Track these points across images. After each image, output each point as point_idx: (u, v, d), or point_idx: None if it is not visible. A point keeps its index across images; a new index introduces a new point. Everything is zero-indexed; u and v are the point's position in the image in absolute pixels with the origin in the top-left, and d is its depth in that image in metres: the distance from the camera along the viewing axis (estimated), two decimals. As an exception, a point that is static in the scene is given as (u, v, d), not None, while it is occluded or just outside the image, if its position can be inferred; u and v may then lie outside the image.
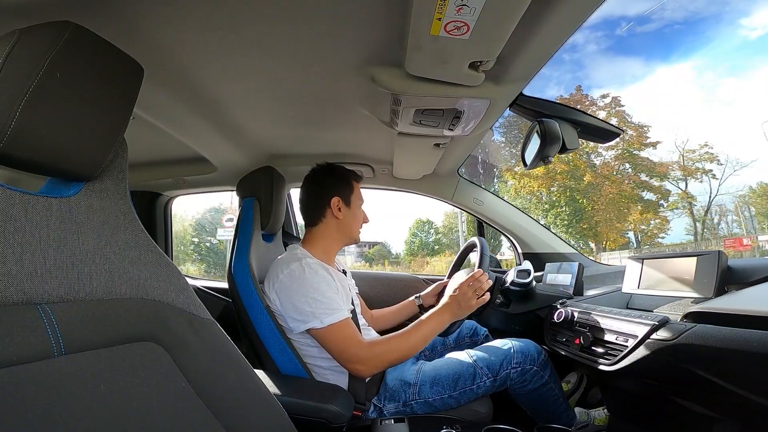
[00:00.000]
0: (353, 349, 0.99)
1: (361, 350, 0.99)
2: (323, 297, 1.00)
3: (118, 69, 0.52)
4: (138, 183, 1.83)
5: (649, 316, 0.89)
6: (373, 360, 0.99)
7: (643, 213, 15.21)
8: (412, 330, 1.04)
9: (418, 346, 1.03)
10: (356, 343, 1.00)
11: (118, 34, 0.73)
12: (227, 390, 0.58)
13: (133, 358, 0.49)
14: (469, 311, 1.07)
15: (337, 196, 1.18)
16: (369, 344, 1.01)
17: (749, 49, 21.28)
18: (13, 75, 0.42)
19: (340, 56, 0.88)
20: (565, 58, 23.56)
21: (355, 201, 1.22)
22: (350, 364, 0.99)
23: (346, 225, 1.20)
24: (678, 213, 15.53)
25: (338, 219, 1.18)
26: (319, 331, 0.99)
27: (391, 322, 1.47)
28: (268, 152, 1.58)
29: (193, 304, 0.61)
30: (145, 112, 1.09)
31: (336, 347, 0.99)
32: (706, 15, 21.27)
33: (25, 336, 0.40)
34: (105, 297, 0.51)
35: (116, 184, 0.57)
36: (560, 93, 22.64)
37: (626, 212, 15.33)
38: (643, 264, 1.12)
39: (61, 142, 0.47)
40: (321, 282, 1.03)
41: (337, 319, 0.99)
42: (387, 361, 1.01)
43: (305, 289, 1.01)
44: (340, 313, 1.00)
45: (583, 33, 23.46)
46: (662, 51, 23.55)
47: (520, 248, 1.86)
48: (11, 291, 0.41)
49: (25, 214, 0.45)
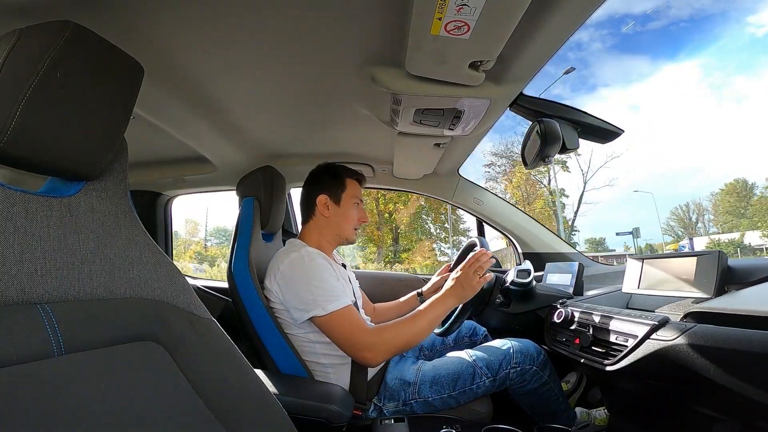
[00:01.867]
0: (359, 335, 0.97)
1: (368, 336, 0.97)
2: (325, 284, 1.00)
3: (118, 69, 0.52)
4: (138, 182, 1.83)
5: (649, 316, 0.89)
6: (381, 345, 0.97)
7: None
8: (418, 315, 1.02)
9: (424, 331, 1.01)
10: (362, 329, 0.98)
11: (118, 33, 0.74)
12: (227, 390, 0.58)
13: (133, 358, 0.49)
14: (473, 292, 1.06)
15: (324, 194, 1.18)
16: (376, 329, 1.00)
17: (758, 47, 21.21)
18: (14, 75, 0.42)
19: (340, 56, 0.88)
20: (570, 56, 23.48)
21: (347, 200, 1.20)
22: (358, 351, 0.97)
23: (334, 223, 1.19)
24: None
25: (326, 217, 1.18)
26: (322, 318, 0.98)
27: (394, 316, 1.45)
28: (267, 152, 1.58)
29: (193, 304, 0.61)
30: (145, 112, 1.09)
31: (341, 334, 0.97)
32: (712, 12, 21.20)
33: (26, 336, 0.40)
34: (105, 296, 0.51)
35: (116, 184, 0.57)
36: (564, 92, 22.54)
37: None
38: (643, 264, 1.12)
39: (62, 142, 0.47)
40: (321, 269, 1.02)
41: (339, 306, 0.98)
42: (395, 347, 0.99)
43: (306, 277, 1.00)
44: (343, 300, 0.99)
45: (588, 31, 23.39)
46: (669, 49, 23.52)
47: (520, 248, 1.86)
48: (11, 291, 0.42)
49: (25, 213, 0.45)
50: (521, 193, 16.27)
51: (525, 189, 16.32)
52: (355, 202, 1.22)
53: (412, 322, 1.01)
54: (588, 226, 17.30)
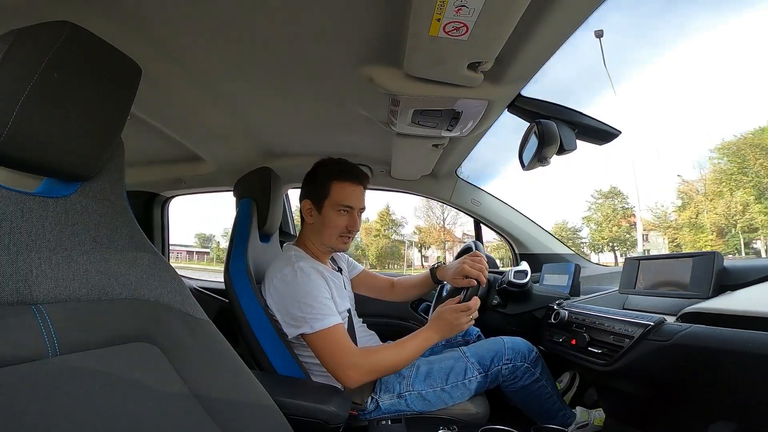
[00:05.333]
0: (343, 356, 0.97)
1: (353, 357, 0.98)
2: (315, 302, 1.00)
3: (115, 69, 0.52)
4: (135, 183, 1.82)
5: (645, 316, 0.89)
6: (364, 367, 0.97)
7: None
8: (404, 343, 1.03)
9: (407, 360, 1.02)
10: (346, 349, 0.98)
11: (115, 34, 0.73)
12: (223, 390, 0.58)
13: (128, 359, 0.49)
14: (459, 331, 1.07)
15: (307, 199, 1.14)
16: (360, 351, 1.01)
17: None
18: (11, 76, 0.42)
19: (338, 57, 0.88)
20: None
21: (328, 206, 1.11)
22: (340, 370, 0.97)
23: (316, 231, 1.15)
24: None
25: (310, 223, 1.16)
26: (309, 336, 0.99)
27: (412, 294, 1.43)
28: (265, 152, 1.58)
29: (189, 305, 0.61)
30: (142, 112, 1.09)
31: (326, 353, 0.98)
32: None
33: (20, 336, 0.40)
34: (100, 297, 0.50)
35: (113, 184, 0.57)
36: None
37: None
38: (639, 265, 1.13)
39: (58, 142, 0.46)
40: (312, 287, 1.02)
41: (327, 325, 0.98)
42: (377, 371, 1.00)
43: (297, 295, 1.01)
44: (331, 319, 0.99)
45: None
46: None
47: (517, 249, 1.86)
48: (6, 291, 0.41)
49: (21, 214, 0.45)
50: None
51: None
52: (339, 209, 1.11)
53: (397, 350, 1.02)
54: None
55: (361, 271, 1.43)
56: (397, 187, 1.87)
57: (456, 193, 1.83)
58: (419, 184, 1.83)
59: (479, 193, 1.84)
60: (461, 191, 1.83)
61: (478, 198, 1.83)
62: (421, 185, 1.84)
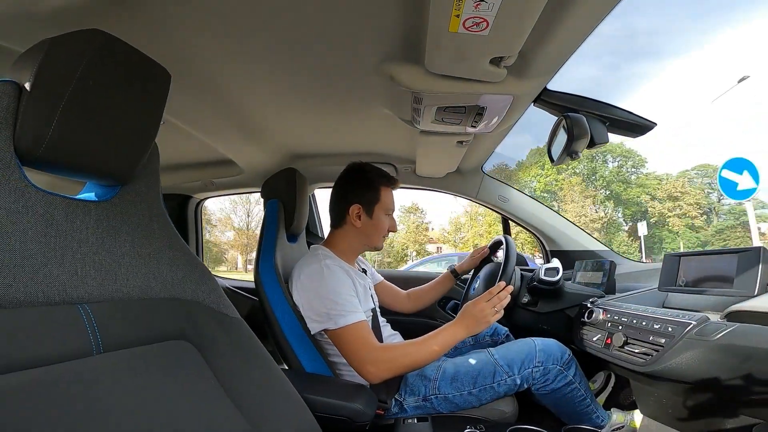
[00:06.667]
0: (363, 350, 0.98)
1: (374, 352, 0.98)
2: (339, 298, 1.01)
3: (146, 76, 0.54)
4: (169, 186, 1.90)
5: (686, 315, 0.85)
6: (386, 363, 0.98)
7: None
8: (428, 340, 1.02)
9: (431, 356, 1.01)
10: (369, 345, 0.99)
11: (144, 42, 0.77)
12: (253, 387, 0.60)
13: (166, 356, 0.51)
14: (486, 326, 1.04)
15: (357, 204, 1.15)
16: (384, 347, 1.01)
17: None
18: (48, 84, 0.43)
19: (359, 56, 0.88)
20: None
21: (378, 210, 1.17)
22: (362, 365, 0.98)
23: (364, 234, 1.17)
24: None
25: (356, 227, 1.17)
26: (333, 332, 1.00)
27: (429, 298, 1.48)
28: (291, 153, 1.60)
29: (223, 304, 0.63)
30: (174, 117, 1.13)
31: (349, 348, 0.99)
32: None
33: (66, 335, 0.42)
34: (140, 297, 0.53)
35: (150, 188, 0.59)
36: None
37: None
38: (680, 261, 1.07)
39: (98, 147, 0.49)
40: (338, 284, 1.03)
41: (350, 321, 0.99)
42: (399, 366, 1.00)
43: (323, 291, 1.02)
44: (355, 316, 1.00)
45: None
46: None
47: (548, 245, 1.81)
48: (54, 292, 0.44)
49: (66, 218, 0.48)
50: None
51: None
52: (386, 211, 1.19)
53: (420, 346, 1.01)
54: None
55: (381, 281, 1.46)
56: (422, 184, 1.86)
57: (483, 190, 1.80)
58: (445, 181, 1.81)
59: (506, 189, 1.80)
60: (488, 188, 1.79)
61: (506, 194, 1.79)
62: (447, 182, 1.82)
